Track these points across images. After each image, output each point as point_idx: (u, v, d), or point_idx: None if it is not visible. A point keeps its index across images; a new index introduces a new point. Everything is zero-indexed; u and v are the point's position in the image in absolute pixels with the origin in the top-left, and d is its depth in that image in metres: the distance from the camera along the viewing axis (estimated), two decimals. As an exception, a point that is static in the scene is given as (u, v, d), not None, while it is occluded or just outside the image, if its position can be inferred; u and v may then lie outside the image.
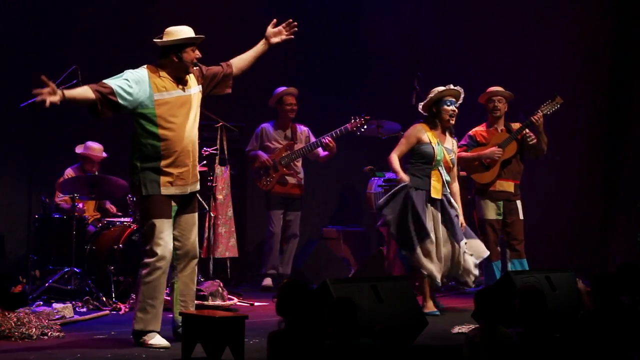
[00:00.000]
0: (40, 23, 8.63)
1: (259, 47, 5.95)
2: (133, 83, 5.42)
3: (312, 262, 9.11)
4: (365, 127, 8.49)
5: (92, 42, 8.70)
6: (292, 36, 6.01)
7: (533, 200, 8.71)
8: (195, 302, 6.85)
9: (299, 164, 8.71)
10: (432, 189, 6.93)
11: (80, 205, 7.85)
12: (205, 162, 7.89)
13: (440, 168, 6.97)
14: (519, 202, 7.73)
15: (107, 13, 8.86)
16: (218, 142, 7.60)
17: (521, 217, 7.72)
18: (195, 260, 5.78)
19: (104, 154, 8.08)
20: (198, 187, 5.78)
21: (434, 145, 6.94)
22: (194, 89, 5.67)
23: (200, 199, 7.96)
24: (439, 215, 6.96)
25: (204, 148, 7.78)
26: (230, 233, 7.77)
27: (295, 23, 5.98)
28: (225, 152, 7.71)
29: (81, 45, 8.57)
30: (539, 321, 4.43)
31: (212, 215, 7.62)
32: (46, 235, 7.78)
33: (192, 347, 5.05)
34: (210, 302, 6.95)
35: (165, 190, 5.51)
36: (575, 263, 8.32)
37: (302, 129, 8.80)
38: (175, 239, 5.63)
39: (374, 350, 4.21)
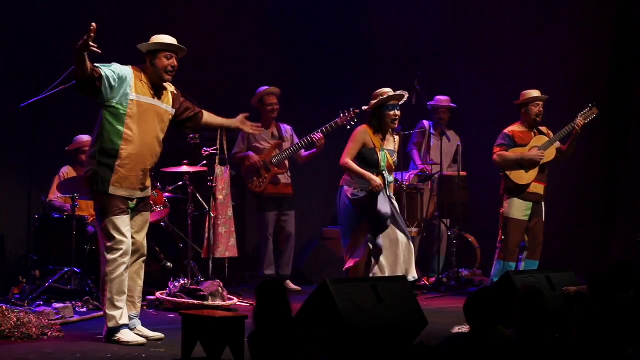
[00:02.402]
0: (40, 23, 8.62)
1: (229, 123, 6.28)
2: (117, 77, 5.55)
3: (312, 262, 9.11)
4: (355, 120, 8.46)
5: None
6: (253, 132, 6.46)
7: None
8: (195, 302, 6.90)
9: (287, 162, 8.70)
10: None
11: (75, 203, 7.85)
12: (205, 162, 7.90)
13: (384, 172, 7.04)
14: (543, 205, 7.81)
15: (107, 13, 8.85)
16: (218, 142, 7.59)
17: (543, 219, 7.81)
18: (144, 258, 5.86)
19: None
20: (149, 193, 5.87)
21: (378, 151, 7.02)
22: (168, 107, 5.80)
23: (200, 199, 7.99)
24: None
25: (204, 148, 7.78)
26: (230, 233, 7.76)
27: (263, 129, 6.50)
28: (225, 152, 7.70)
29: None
30: (538, 321, 4.43)
31: (213, 215, 7.61)
32: (46, 235, 7.77)
33: (192, 347, 5.05)
34: (210, 302, 6.95)
35: (113, 190, 5.59)
36: (575, 263, 8.32)
37: (286, 128, 8.79)
38: None
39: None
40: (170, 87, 5.86)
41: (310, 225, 10.03)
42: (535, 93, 7.79)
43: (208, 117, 6.12)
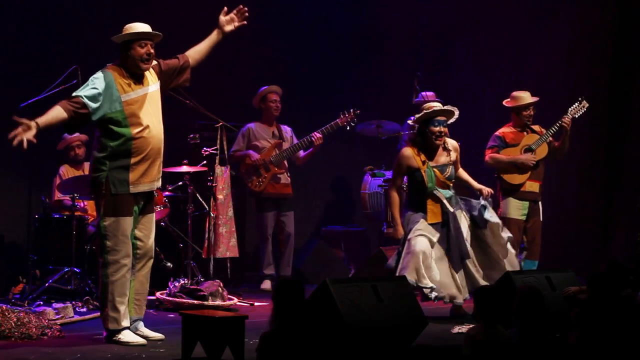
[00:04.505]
0: (40, 23, 8.63)
1: (213, 36, 5.98)
2: (101, 90, 5.48)
3: (312, 262, 9.11)
4: (355, 121, 8.45)
5: (92, 42, 8.69)
6: (245, 22, 6.00)
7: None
8: (195, 302, 6.90)
9: (287, 163, 8.71)
10: (428, 214, 6.73)
11: (83, 204, 7.87)
12: (205, 162, 7.90)
13: (435, 191, 6.76)
14: (540, 204, 7.82)
15: (107, 13, 8.86)
16: (218, 142, 7.59)
17: (541, 218, 7.81)
18: (152, 261, 5.81)
19: (81, 135, 8.06)
20: (160, 183, 5.79)
21: (423, 171, 6.75)
22: (154, 87, 5.72)
23: (201, 199, 7.99)
24: (437, 235, 6.71)
25: (204, 148, 7.78)
26: (230, 233, 7.76)
27: (246, 9, 5.96)
28: (225, 152, 7.71)
29: (81, 45, 8.56)
30: (537, 321, 4.43)
31: (213, 215, 7.61)
32: (46, 235, 7.77)
33: (192, 347, 5.05)
34: (210, 302, 6.95)
35: (134, 189, 5.54)
36: (575, 263, 8.31)
37: (287, 129, 8.80)
38: (137, 238, 5.67)
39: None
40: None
41: (310, 225, 10.04)
42: (525, 95, 7.81)
43: (195, 54, 5.93)
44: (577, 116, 7.79)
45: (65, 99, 5.50)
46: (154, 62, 5.78)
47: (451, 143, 6.97)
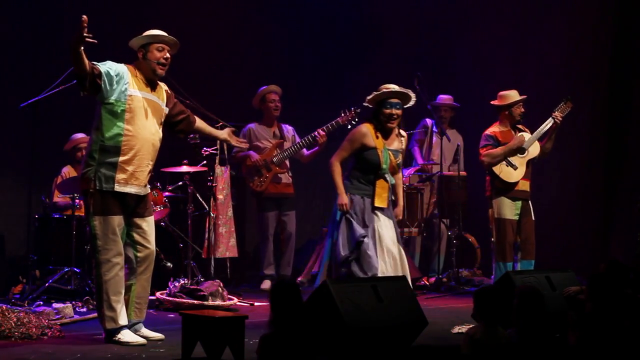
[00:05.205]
0: (40, 23, 8.63)
1: (218, 133, 6.31)
2: (115, 73, 5.52)
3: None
4: (356, 119, 8.45)
5: (91, 43, 8.69)
6: (241, 145, 6.60)
7: (533, 200, 8.71)
8: (195, 302, 6.90)
9: (288, 162, 8.71)
10: (376, 197, 6.59)
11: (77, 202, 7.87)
12: (205, 162, 7.91)
13: (386, 175, 6.62)
14: (531, 203, 7.81)
15: (107, 13, 8.86)
16: (218, 142, 7.60)
17: (533, 217, 7.79)
18: (153, 265, 5.79)
19: (87, 137, 8.07)
20: (149, 190, 5.78)
21: (379, 151, 6.56)
22: (163, 103, 5.77)
23: (200, 199, 7.99)
24: (390, 221, 6.64)
25: (204, 148, 7.79)
26: (230, 233, 7.77)
27: (247, 145, 6.64)
28: (225, 152, 7.71)
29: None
30: (537, 321, 4.43)
31: (213, 215, 7.62)
32: (46, 235, 7.78)
33: (192, 347, 5.05)
34: (210, 302, 6.95)
35: (119, 188, 5.51)
36: (575, 263, 8.32)
37: (288, 128, 8.80)
38: (137, 242, 5.66)
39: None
40: (164, 87, 5.83)
41: (310, 225, 10.04)
42: (514, 94, 7.80)
43: (199, 122, 6.13)
44: (564, 115, 7.78)
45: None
46: (169, 91, 5.85)
47: (402, 132, 6.85)
